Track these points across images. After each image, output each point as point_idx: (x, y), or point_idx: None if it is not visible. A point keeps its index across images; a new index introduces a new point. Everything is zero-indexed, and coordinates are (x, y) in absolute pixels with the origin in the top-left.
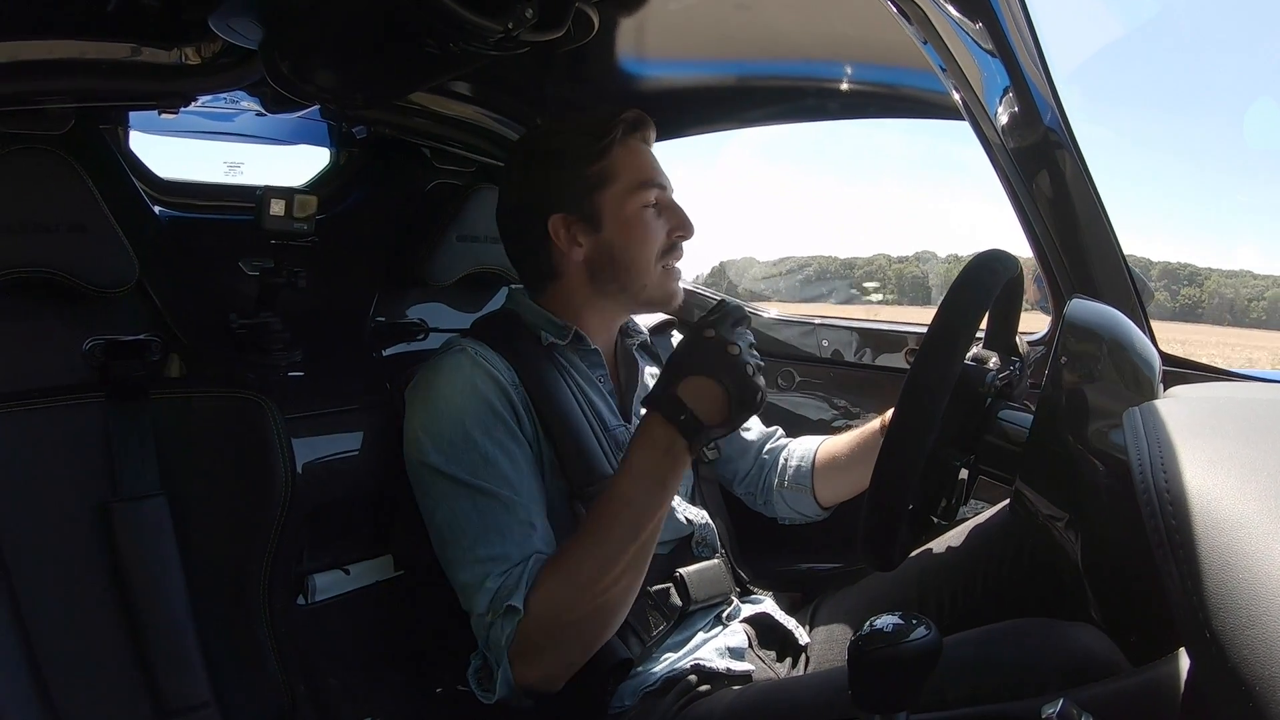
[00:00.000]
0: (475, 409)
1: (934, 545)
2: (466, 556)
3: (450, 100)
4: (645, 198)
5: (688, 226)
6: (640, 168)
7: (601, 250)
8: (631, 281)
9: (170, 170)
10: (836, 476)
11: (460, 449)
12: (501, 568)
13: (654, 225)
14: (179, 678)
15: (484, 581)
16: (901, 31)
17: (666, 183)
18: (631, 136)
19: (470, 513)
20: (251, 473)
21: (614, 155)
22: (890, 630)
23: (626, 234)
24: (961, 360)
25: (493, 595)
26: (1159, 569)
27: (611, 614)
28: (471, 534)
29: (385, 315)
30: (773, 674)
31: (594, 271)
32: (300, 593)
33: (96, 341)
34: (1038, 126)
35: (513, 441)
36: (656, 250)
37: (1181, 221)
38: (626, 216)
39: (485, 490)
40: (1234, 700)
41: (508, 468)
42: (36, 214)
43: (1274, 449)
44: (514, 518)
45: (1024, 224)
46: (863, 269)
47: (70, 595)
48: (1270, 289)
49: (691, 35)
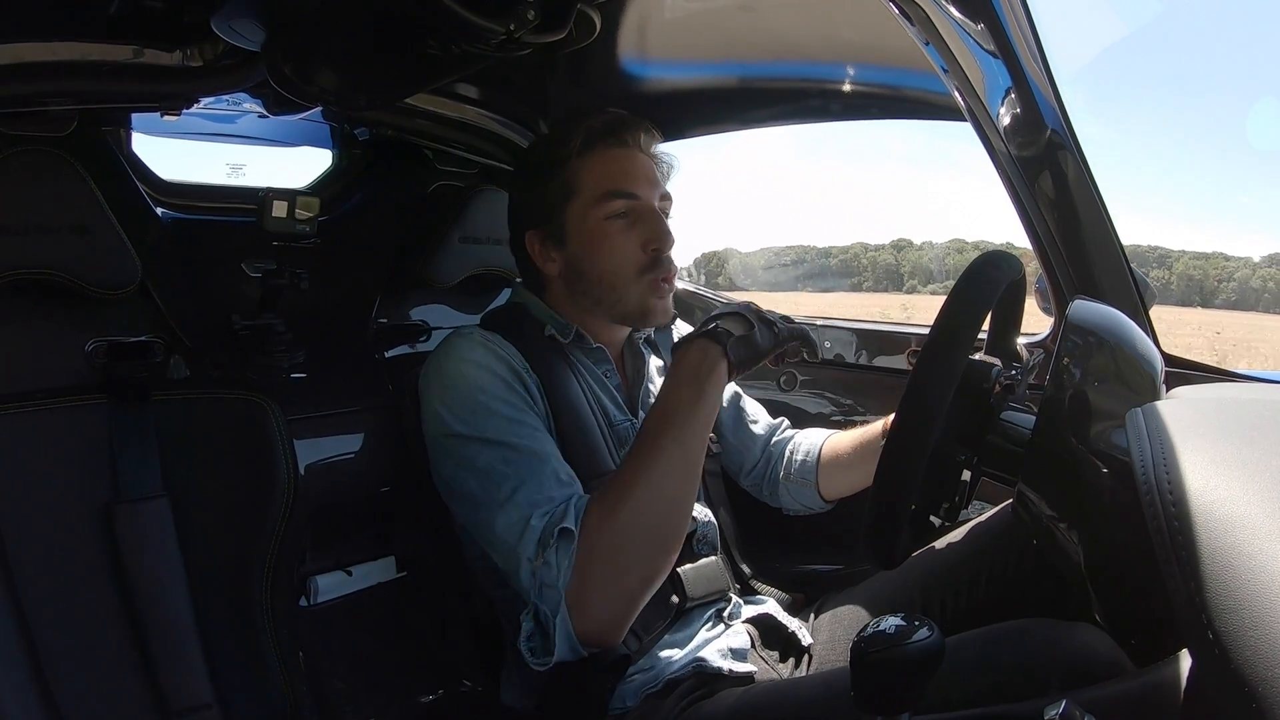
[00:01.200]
0: (490, 381)
1: (936, 546)
2: (506, 504)
3: (452, 102)
4: (608, 209)
5: (662, 238)
6: (605, 177)
7: (571, 265)
8: (605, 295)
9: (172, 172)
10: (840, 473)
11: (482, 415)
12: (545, 508)
13: (620, 238)
14: (181, 679)
15: (529, 520)
16: (904, 33)
17: (642, 191)
18: (603, 144)
19: (503, 465)
20: (254, 474)
21: (574, 166)
22: (893, 632)
23: (591, 248)
24: (965, 358)
25: (540, 532)
26: (1161, 570)
27: (667, 537)
28: (510, 484)
29: (388, 317)
30: (775, 675)
31: (570, 286)
32: (303, 594)
33: (99, 343)
34: (1040, 128)
35: (530, 411)
36: (630, 264)
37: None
38: (589, 230)
39: (515, 445)
40: (1237, 701)
41: (530, 426)
42: (39, 215)
43: (1276, 450)
44: (548, 466)
45: (1026, 225)
46: (838, 256)
47: (73, 597)
48: (1240, 270)
49: (694, 36)
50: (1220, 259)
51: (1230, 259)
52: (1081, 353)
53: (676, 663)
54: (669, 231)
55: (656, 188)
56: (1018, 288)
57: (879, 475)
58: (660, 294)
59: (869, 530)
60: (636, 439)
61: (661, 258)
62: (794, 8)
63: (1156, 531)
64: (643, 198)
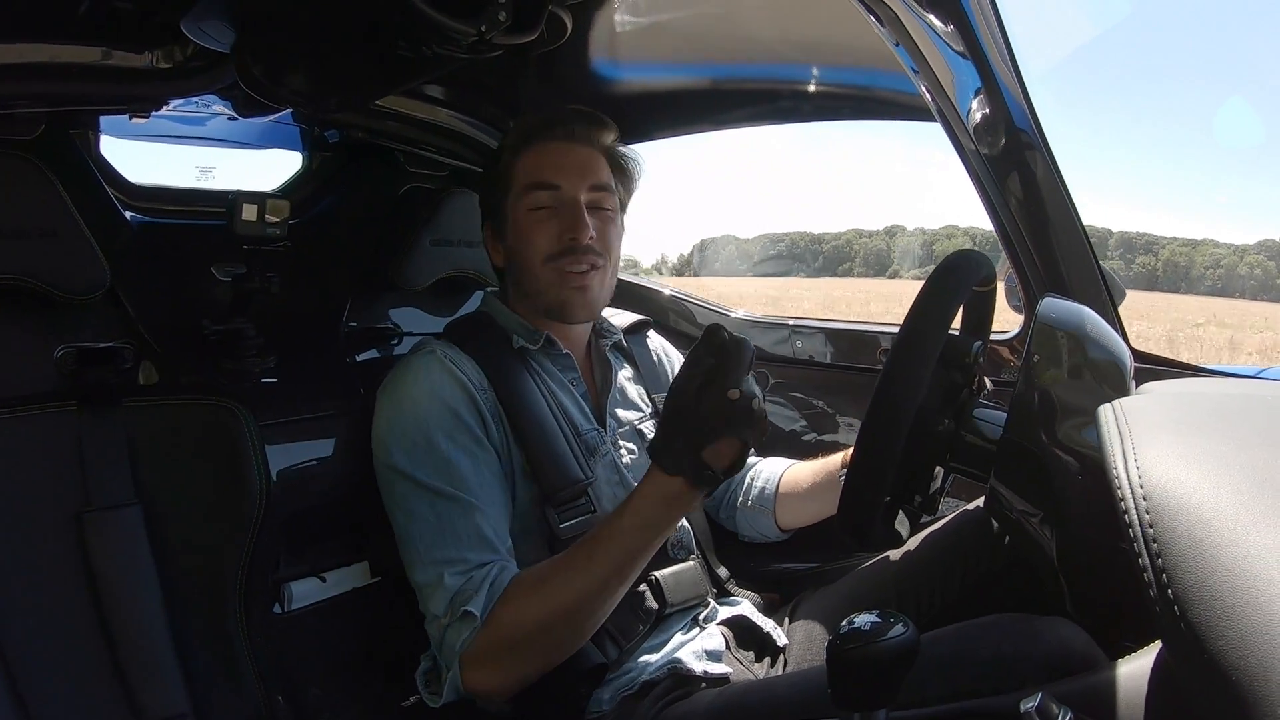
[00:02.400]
0: (439, 413)
1: (910, 544)
2: (424, 557)
3: (423, 104)
4: (531, 200)
5: (574, 228)
6: (532, 170)
7: (508, 258)
8: (529, 285)
9: (141, 175)
10: (797, 503)
11: (422, 451)
12: (458, 569)
13: (539, 228)
14: (156, 688)
15: (442, 580)
16: (874, 34)
17: (566, 182)
18: (536, 138)
19: (429, 515)
20: (226, 480)
21: (508, 160)
22: (868, 629)
23: (519, 239)
24: (943, 335)
25: (451, 597)
26: (1134, 563)
27: (578, 639)
28: (429, 535)
29: (359, 320)
30: (751, 675)
31: (510, 278)
32: (277, 601)
33: (68, 349)
34: (1009, 127)
35: (477, 447)
36: (541, 253)
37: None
38: (517, 220)
39: (445, 493)
40: (1211, 692)
41: (469, 472)
42: (6, 220)
43: (1245, 443)
44: (472, 522)
45: (995, 223)
46: (831, 244)
47: (45, 606)
48: (1227, 257)
49: (664, 38)
50: (1210, 245)
51: (1219, 245)
52: (1051, 350)
53: (652, 665)
54: (584, 223)
55: (586, 179)
56: (987, 285)
57: (859, 445)
58: (574, 285)
59: (845, 503)
60: (578, 543)
61: (575, 246)
62: (765, 9)
63: (1128, 525)
64: (564, 189)
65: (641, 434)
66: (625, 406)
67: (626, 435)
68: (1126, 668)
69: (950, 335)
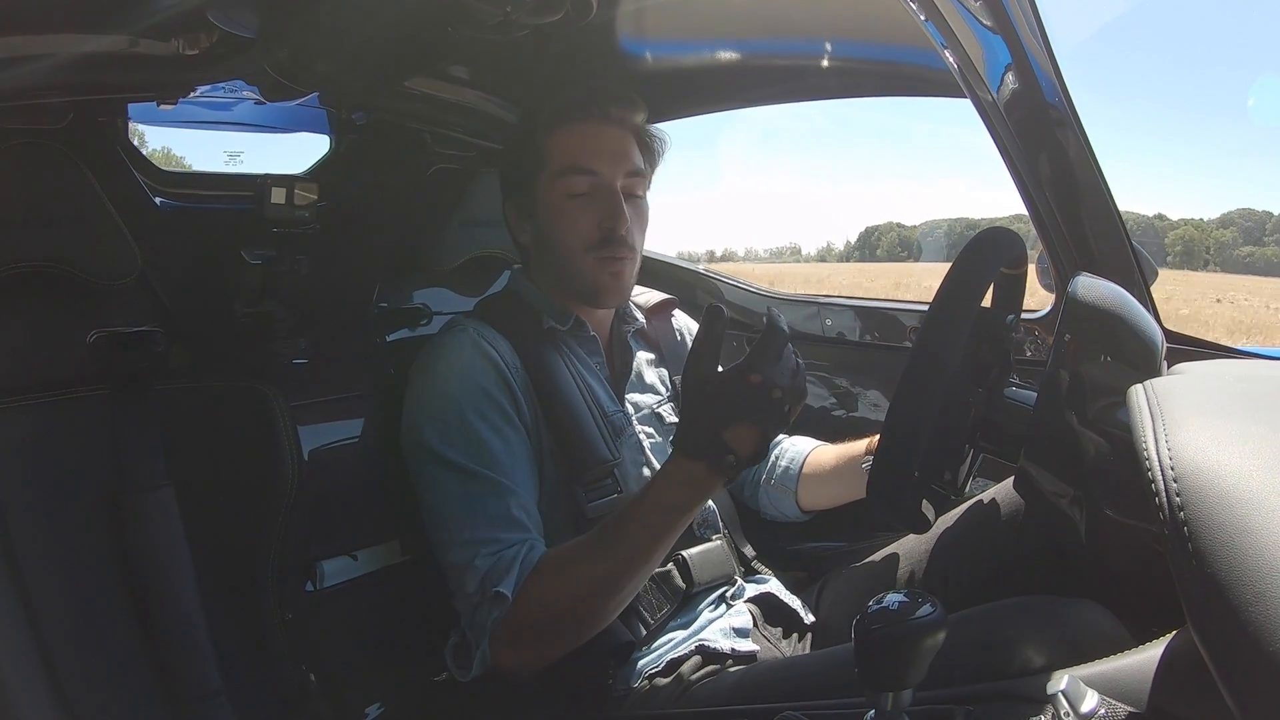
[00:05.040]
0: (471, 392)
1: (939, 523)
2: (455, 538)
3: (450, 85)
4: (570, 185)
5: (615, 217)
6: (569, 153)
7: (538, 238)
8: (563, 271)
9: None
10: (819, 486)
11: (454, 431)
12: (491, 549)
13: (578, 214)
14: (190, 667)
15: (473, 560)
16: (901, 8)
17: (604, 168)
18: (572, 117)
19: (460, 495)
20: (258, 461)
21: (541, 141)
22: (896, 608)
23: (552, 222)
24: (980, 295)
25: (482, 576)
26: (1164, 545)
27: (604, 618)
28: (461, 515)
29: (388, 301)
30: (778, 653)
31: (540, 258)
32: (309, 579)
33: (100, 334)
34: (1039, 104)
35: (508, 426)
36: (581, 241)
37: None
38: (551, 204)
39: (476, 473)
40: (1240, 675)
41: (501, 452)
42: (38, 208)
43: (1277, 425)
44: (504, 502)
45: (1027, 202)
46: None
47: (81, 587)
48: (1181, 227)
49: (690, 15)
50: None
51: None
52: (1083, 329)
53: (679, 643)
54: (623, 211)
55: (622, 165)
56: (1018, 263)
57: (892, 410)
58: (610, 271)
59: (876, 471)
60: (604, 526)
61: (613, 236)
62: None
63: (1159, 507)
64: (603, 175)
65: (660, 417)
66: (642, 390)
67: (644, 419)
68: (1154, 651)
69: (982, 309)
